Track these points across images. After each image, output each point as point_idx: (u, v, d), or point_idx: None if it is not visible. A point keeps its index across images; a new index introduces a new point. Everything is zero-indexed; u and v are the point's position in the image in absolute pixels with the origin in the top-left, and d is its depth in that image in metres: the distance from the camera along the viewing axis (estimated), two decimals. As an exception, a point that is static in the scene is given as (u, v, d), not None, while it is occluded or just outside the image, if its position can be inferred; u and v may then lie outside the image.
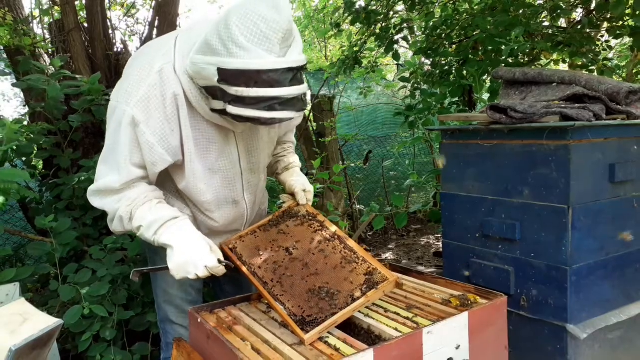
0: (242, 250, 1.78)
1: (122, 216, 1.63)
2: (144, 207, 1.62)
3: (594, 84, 2.13)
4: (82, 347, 2.27)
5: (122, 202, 1.62)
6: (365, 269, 1.62)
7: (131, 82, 1.57)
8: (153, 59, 1.58)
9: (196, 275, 1.58)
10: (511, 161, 2.06)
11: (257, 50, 1.35)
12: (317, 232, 1.79)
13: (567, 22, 4.68)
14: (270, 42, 1.35)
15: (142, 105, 1.54)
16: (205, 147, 1.68)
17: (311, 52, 12.50)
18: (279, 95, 1.38)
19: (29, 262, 3.33)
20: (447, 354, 1.47)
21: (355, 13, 4.33)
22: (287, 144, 2.10)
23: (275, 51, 1.36)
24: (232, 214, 1.85)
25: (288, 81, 1.38)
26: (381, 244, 5.83)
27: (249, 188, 1.85)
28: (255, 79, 1.36)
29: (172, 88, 1.55)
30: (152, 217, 1.61)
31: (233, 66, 1.36)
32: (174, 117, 1.59)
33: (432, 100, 3.90)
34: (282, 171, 2.06)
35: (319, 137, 5.70)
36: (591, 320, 1.99)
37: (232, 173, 1.77)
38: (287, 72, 1.38)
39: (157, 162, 1.60)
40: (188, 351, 1.57)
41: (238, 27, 1.35)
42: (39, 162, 3.30)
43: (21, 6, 3.44)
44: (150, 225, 1.61)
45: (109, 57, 3.45)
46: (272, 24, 1.34)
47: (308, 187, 1.96)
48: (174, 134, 1.60)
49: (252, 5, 1.36)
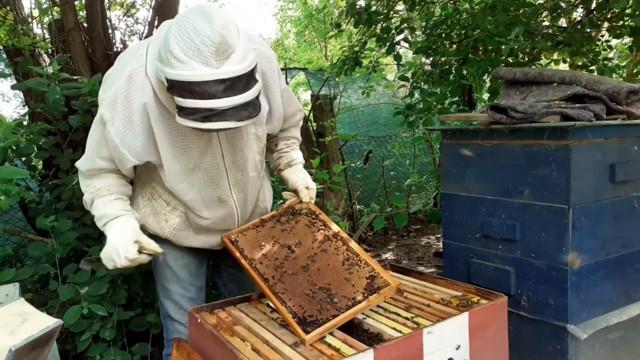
0: (243, 244, 1.78)
1: (86, 201, 1.80)
2: (102, 199, 1.76)
3: (594, 84, 2.13)
4: (81, 347, 2.27)
5: (89, 188, 1.78)
6: (367, 272, 1.62)
7: (106, 83, 1.69)
8: (126, 64, 1.66)
9: (121, 265, 1.70)
10: (511, 161, 2.06)
11: (191, 62, 1.39)
12: (320, 231, 1.79)
13: (568, 21, 4.67)
14: (202, 55, 1.39)
15: (110, 106, 1.62)
16: (184, 147, 1.70)
17: (311, 52, 12.51)
18: (211, 107, 1.42)
19: (28, 262, 3.32)
20: (447, 354, 1.47)
21: (357, 15, 4.32)
22: (291, 139, 2.07)
23: (210, 63, 1.39)
24: (220, 212, 1.85)
25: (220, 92, 1.41)
26: (381, 244, 5.82)
27: (236, 186, 1.83)
28: (190, 89, 1.41)
29: (138, 95, 1.61)
30: (103, 211, 1.75)
31: (171, 77, 1.42)
32: (141, 122, 1.64)
33: (432, 99, 3.90)
34: (285, 167, 2.04)
35: (319, 137, 5.70)
36: (591, 320, 1.98)
37: (216, 171, 1.77)
38: (219, 83, 1.40)
39: (122, 160, 1.69)
40: (188, 351, 1.57)
41: (175, 40, 1.41)
42: (39, 162, 3.30)
43: (21, 6, 3.44)
44: (100, 218, 1.75)
45: (109, 57, 3.44)
46: (203, 38, 1.38)
47: (311, 184, 1.96)
48: (137, 137, 1.66)
49: (188, 18, 1.42)
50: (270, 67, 1.78)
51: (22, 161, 2.89)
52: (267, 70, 1.76)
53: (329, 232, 1.78)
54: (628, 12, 3.67)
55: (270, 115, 1.85)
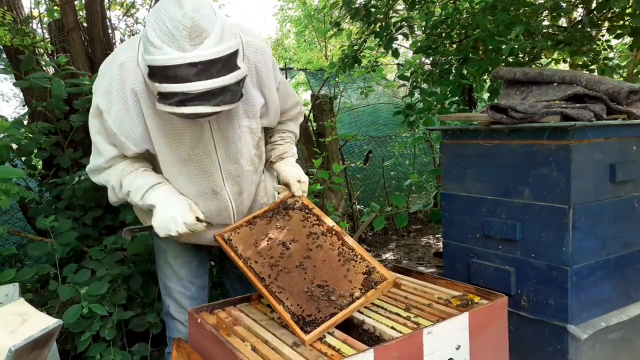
0: (237, 243, 1.77)
1: (114, 185, 1.78)
2: (130, 175, 1.76)
3: (595, 83, 2.13)
4: (81, 347, 2.27)
5: (111, 174, 1.78)
6: (363, 267, 1.61)
7: (99, 75, 1.70)
8: (117, 55, 1.68)
9: (177, 232, 1.69)
10: (512, 161, 2.06)
11: (165, 47, 1.41)
12: (314, 227, 1.78)
13: (568, 21, 4.67)
14: (175, 39, 1.40)
15: (105, 96, 1.64)
16: (175, 138, 1.70)
17: (311, 52, 12.51)
18: (184, 91, 1.43)
19: (28, 262, 3.32)
20: (447, 354, 1.47)
21: (354, 10, 4.31)
22: (287, 133, 2.06)
23: (183, 47, 1.41)
24: (214, 205, 1.83)
25: (191, 76, 1.41)
26: (381, 244, 5.82)
27: (229, 178, 1.82)
28: (165, 74, 1.43)
29: (130, 82, 1.63)
30: (139, 182, 1.75)
31: (148, 62, 1.46)
32: (135, 108, 1.66)
33: (432, 99, 3.89)
34: (276, 160, 2.02)
35: (319, 137, 5.70)
36: (592, 320, 1.98)
37: (209, 163, 1.76)
38: (190, 67, 1.41)
39: (123, 147, 1.71)
40: (188, 351, 1.57)
41: (152, 26, 1.44)
42: (38, 162, 3.30)
43: (21, 6, 3.44)
44: (138, 189, 1.74)
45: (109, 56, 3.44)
46: (175, 22, 1.40)
47: (303, 177, 1.94)
48: (134, 124, 1.67)
49: (163, 4, 1.44)
50: (264, 59, 1.76)
51: (22, 161, 2.89)
52: (260, 63, 1.75)
53: (323, 227, 1.77)
54: (628, 11, 3.67)
55: (266, 109, 1.84)
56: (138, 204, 1.76)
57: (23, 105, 3.76)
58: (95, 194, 2.75)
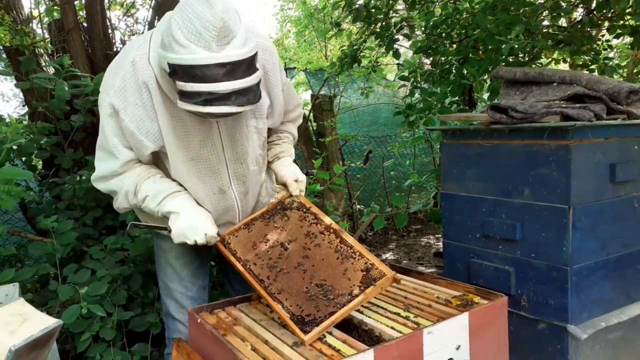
0: (236, 246, 1.77)
1: (128, 190, 1.74)
2: (148, 181, 1.74)
3: (595, 83, 2.13)
4: (81, 347, 2.27)
5: (125, 179, 1.74)
6: (362, 264, 1.61)
7: (110, 74, 1.69)
8: (129, 52, 1.67)
9: (194, 241, 1.68)
10: (512, 161, 2.06)
11: (192, 46, 1.41)
12: (312, 226, 1.78)
13: (568, 21, 4.67)
14: (204, 39, 1.41)
15: (120, 94, 1.63)
16: (184, 136, 1.71)
17: (311, 52, 12.50)
18: (211, 90, 1.43)
19: (28, 263, 3.32)
20: (447, 354, 1.47)
21: (355, 11, 4.31)
22: (285, 133, 2.07)
23: (211, 47, 1.41)
24: (222, 204, 1.84)
25: (220, 76, 1.42)
26: (381, 244, 5.82)
27: (236, 177, 1.84)
28: (191, 73, 1.43)
29: (143, 76, 1.62)
30: (158, 188, 1.73)
31: (173, 61, 1.44)
32: (149, 103, 1.65)
33: (432, 99, 3.89)
34: (273, 159, 2.03)
35: (319, 137, 5.70)
36: (592, 320, 1.98)
37: (216, 162, 1.78)
38: (219, 67, 1.42)
39: (139, 147, 1.69)
40: (188, 351, 1.57)
41: (178, 25, 1.43)
42: (39, 162, 3.30)
43: (21, 6, 3.44)
44: (156, 195, 1.72)
45: (109, 56, 3.44)
46: (204, 22, 1.40)
47: (300, 176, 1.95)
48: (151, 119, 1.67)
49: (190, 4, 1.44)
50: (272, 60, 1.78)
51: (22, 161, 2.89)
52: (268, 63, 1.77)
53: (321, 225, 1.77)
54: (628, 11, 3.67)
55: (271, 110, 1.86)
56: (153, 210, 1.74)
57: (23, 105, 3.77)
58: (95, 194, 2.75)
